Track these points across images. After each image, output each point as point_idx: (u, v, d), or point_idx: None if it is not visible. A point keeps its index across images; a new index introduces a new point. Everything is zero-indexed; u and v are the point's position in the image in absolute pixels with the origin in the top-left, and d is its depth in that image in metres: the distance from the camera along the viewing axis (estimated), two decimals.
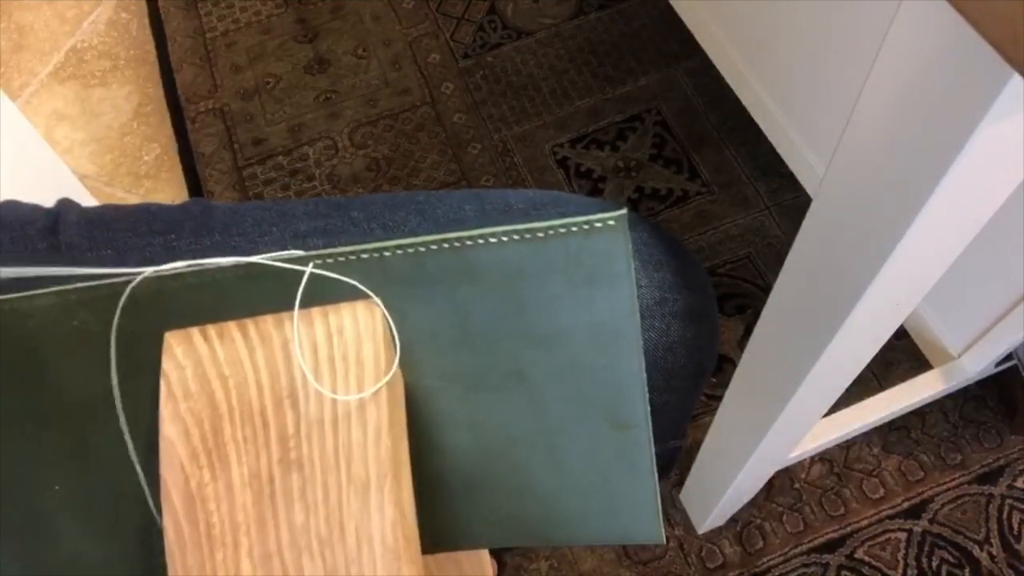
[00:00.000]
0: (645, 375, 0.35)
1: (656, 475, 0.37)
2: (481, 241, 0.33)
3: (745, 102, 1.01)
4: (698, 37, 1.07)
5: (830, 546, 0.88)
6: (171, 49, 1.29)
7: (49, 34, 1.32)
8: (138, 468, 0.36)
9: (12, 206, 0.48)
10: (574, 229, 0.32)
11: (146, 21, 1.33)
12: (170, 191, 1.17)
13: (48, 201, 0.49)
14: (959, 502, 0.89)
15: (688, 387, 0.49)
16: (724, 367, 0.98)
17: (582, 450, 0.36)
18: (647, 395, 0.35)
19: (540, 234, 0.33)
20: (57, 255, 0.45)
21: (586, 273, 0.33)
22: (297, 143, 1.18)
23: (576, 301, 0.34)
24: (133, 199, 1.17)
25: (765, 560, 0.88)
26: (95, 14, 1.34)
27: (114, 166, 1.20)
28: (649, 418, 0.35)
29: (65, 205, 0.48)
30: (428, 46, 1.26)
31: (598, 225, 0.32)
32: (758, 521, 0.90)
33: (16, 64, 1.29)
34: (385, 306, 0.34)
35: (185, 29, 1.30)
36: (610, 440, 0.36)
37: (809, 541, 0.88)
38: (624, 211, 0.32)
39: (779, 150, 0.98)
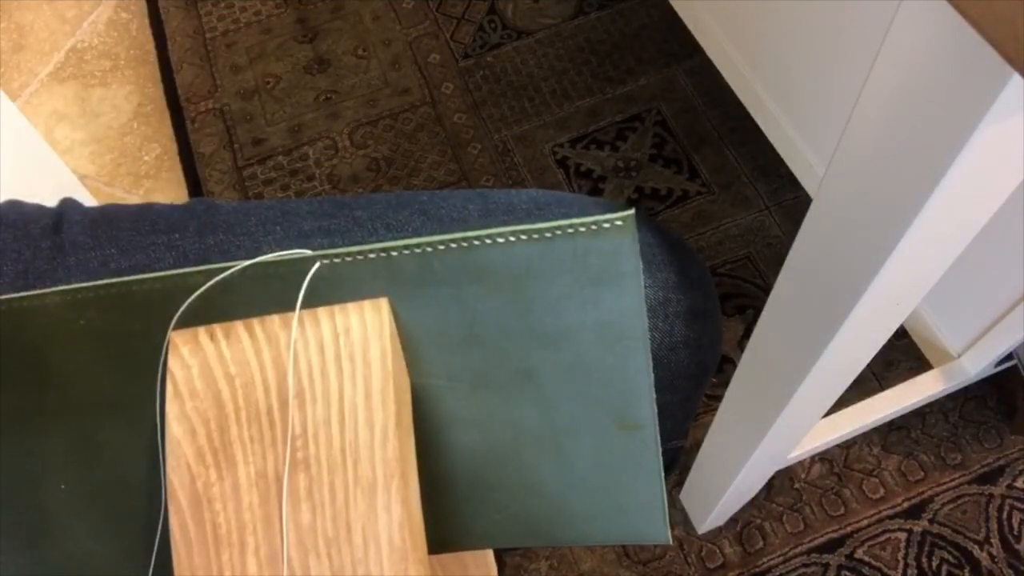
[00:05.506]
0: (652, 375, 0.35)
1: (663, 476, 0.37)
2: (488, 241, 0.33)
3: (745, 102, 1.01)
4: (698, 37, 1.07)
5: (830, 546, 0.88)
6: (171, 49, 1.29)
7: (49, 34, 1.32)
8: (144, 468, 0.36)
9: (15, 205, 0.48)
10: (582, 229, 0.33)
11: (146, 21, 1.33)
12: (170, 191, 1.18)
13: (49, 201, 0.49)
14: (959, 502, 0.89)
15: (691, 387, 0.49)
16: (724, 367, 0.98)
17: (589, 450, 0.36)
18: (654, 395, 0.35)
19: (548, 234, 0.33)
20: (60, 254, 0.45)
21: (593, 273, 0.33)
22: (297, 143, 1.18)
23: (583, 301, 0.34)
24: (133, 199, 1.17)
25: (765, 560, 0.88)
26: (95, 14, 1.34)
27: (114, 166, 1.20)
28: (656, 418, 0.36)
29: (68, 204, 0.48)
30: (428, 46, 1.26)
31: (606, 225, 0.32)
32: (758, 521, 0.90)
33: (16, 64, 1.29)
34: (392, 306, 0.34)
35: (185, 29, 1.30)
36: (617, 440, 0.36)
37: (809, 541, 0.88)
38: (632, 212, 0.32)
39: (779, 150, 0.98)
